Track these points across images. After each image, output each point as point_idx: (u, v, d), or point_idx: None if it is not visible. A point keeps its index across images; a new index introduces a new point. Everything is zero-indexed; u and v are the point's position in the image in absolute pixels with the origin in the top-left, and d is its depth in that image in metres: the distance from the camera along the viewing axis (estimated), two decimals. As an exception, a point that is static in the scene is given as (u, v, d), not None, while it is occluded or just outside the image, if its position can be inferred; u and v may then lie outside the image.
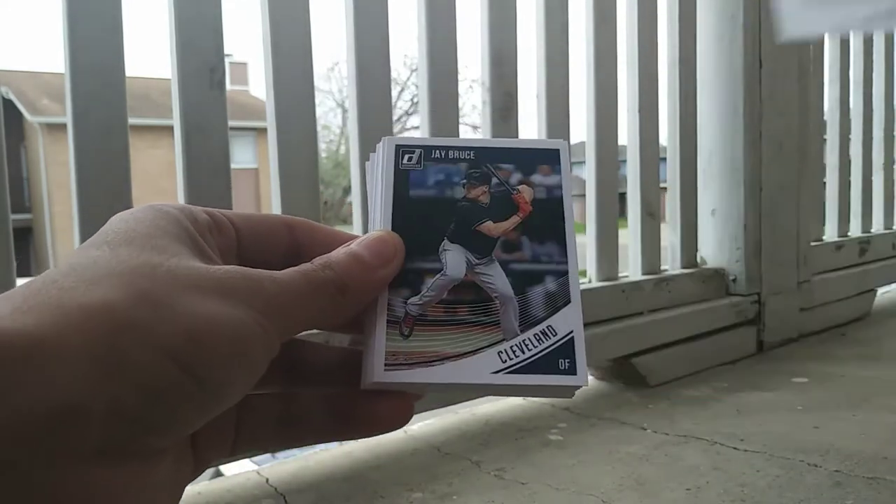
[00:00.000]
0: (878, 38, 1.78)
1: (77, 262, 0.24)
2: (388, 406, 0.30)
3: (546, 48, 1.03)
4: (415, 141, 0.34)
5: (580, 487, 0.72)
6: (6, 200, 0.64)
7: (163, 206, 0.28)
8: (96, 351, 0.21)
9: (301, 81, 0.81)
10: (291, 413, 0.30)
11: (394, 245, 0.30)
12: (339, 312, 0.28)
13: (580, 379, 0.29)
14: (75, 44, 0.67)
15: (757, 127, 1.26)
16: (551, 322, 0.30)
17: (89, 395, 0.20)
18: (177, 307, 0.23)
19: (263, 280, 0.26)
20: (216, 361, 0.23)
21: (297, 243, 0.32)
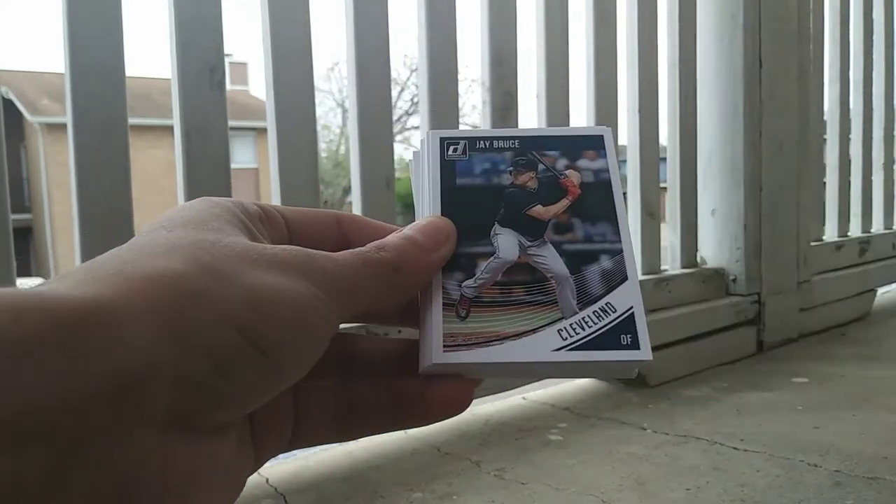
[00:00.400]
0: (878, 38, 1.79)
1: (136, 241, 0.24)
2: (447, 390, 0.29)
3: (546, 48, 1.03)
4: (459, 133, 0.34)
5: (580, 487, 0.72)
6: (6, 200, 0.64)
7: (216, 198, 0.29)
8: (162, 318, 0.21)
9: (301, 81, 0.81)
10: (349, 404, 0.30)
11: (446, 229, 0.31)
12: (394, 293, 0.28)
13: (644, 353, 0.29)
14: (75, 44, 0.67)
15: (757, 127, 1.26)
16: (609, 299, 0.30)
17: (157, 361, 0.20)
18: (239, 278, 0.23)
19: (320, 259, 0.26)
20: (279, 332, 0.23)
21: (345, 237, 0.32)
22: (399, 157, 13.16)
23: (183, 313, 0.21)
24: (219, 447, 0.23)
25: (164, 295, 0.21)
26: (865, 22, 1.74)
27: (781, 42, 1.30)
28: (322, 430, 0.30)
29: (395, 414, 0.30)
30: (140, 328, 0.20)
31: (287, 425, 0.29)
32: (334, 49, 14.34)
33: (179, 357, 0.21)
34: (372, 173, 0.87)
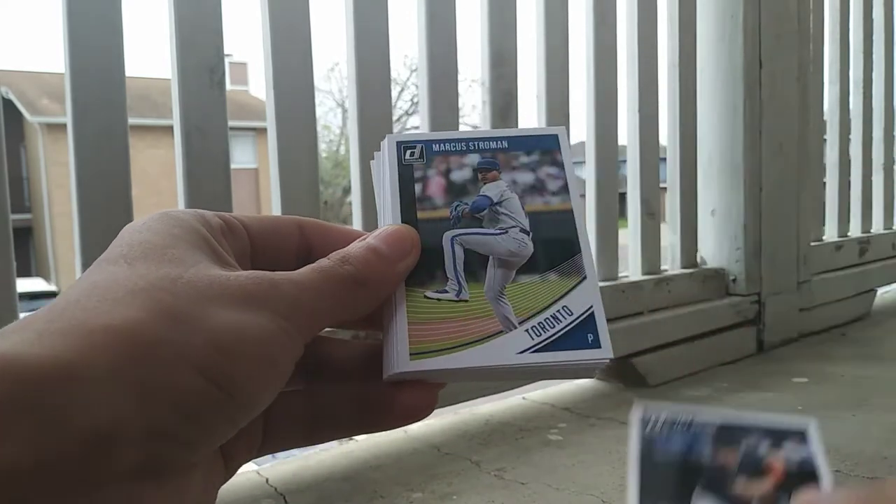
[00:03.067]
0: (878, 38, 1.79)
1: (97, 280, 0.24)
2: (412, 396, 0.30)
3: (546, 48, 1.03)
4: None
5: (580, 487, 0.72)
6: (6, 200, 0.64)
7: (175, 213, 0.28)
8: (125, 372, 0.21)
9: (301, 81, 0.81)
10: (316, 410, 0.31)
11: (410, 237, 0.31)
12: (359, 307, 0.29)
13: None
14: (75, 44, 0.67)
15: (757, 127, 1.26)
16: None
17: (122, 418, 0.20)
18: (200, 320, 0.23)
19: (282, 283, 0.26)
20: (245, 372, 0.23)
21: (308, 243, 0.32)
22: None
23: (146, 365, 0.21)
24: (189, 481, 0.23)
25: (126, 349, 0.21)
26: (865, 22, 1.74)
27: (781, 42, 1.30)
28: (291, 435, 0.30)
29: (362, 418, 0.30)
30: (104, 385, 0.20)
31: (257, 434, 0.29)
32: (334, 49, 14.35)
33: (146, 410, 0.21)
34: (372, 173, 0.86)
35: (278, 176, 0.80)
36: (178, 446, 0.22)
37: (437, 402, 0.30)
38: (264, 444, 0.30)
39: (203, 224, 0.28)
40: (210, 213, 0.29)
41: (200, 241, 0.26)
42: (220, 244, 0.28)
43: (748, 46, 1.24)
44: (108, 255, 0.25)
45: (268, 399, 0.25)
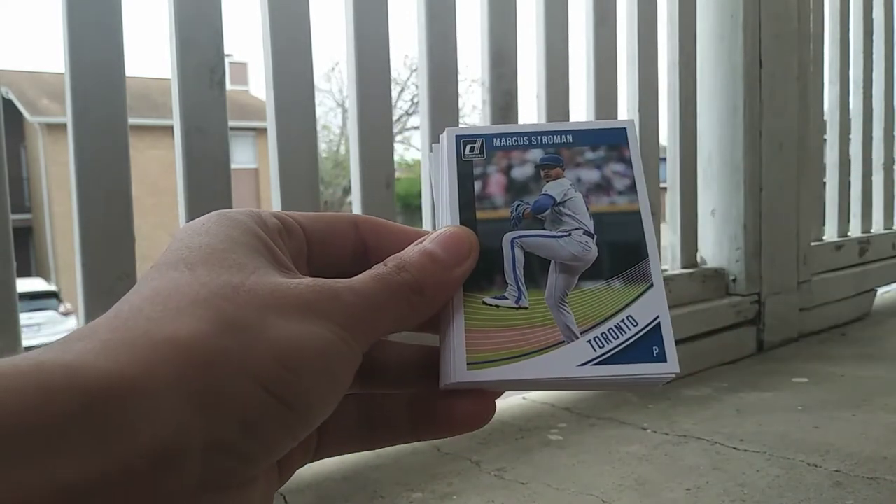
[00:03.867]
0: (878, 38, 1.79)
1: (159, 287, 0.24)
2: (469, 406, 0.29)
3: (546, 48, 1.03)
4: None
5: (580, 487, 0.72)
6: (6, 200, 0.64)
7: (233, 213, 0.27)
8: (191, 386, 0.21)
9: (301, 81, 0.81)
10: (372, 416, 0.30)
11: (468, 241, 0.30)
12: (417, 316, 0.28)
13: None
14: (75, 44, 0.67)
15: (757, 127, 1.26)
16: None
17: (187, 433, 0.20)
18: (263, 332, 0.23)
19: (342, 292, 0.25)
20: (306, 385, 0.23)
21: (363, 241, 0.31)
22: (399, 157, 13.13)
23: (210, 379, 0.21)
24: (250, 494, 0.23)
25: (190, 362, 0.21)
26: (865, 22, 1.73)
27: (781, 42, 1.30)
28: (346, 441, 0.30)
29: (417, 425, 0.30)
30: (169, 400, 0.20)
31: (312, 440, 0.29)
32: (334, 49, 14.34)
33: (209, 424, 0.21)
34: (372, 173, 0.87)
35: (278, 176, 0.80)
36: (241, 460, 0.22)
37: (494, 410, 0.30)
38: (319, 450, 0.30)
39: (261, 225, 0.27)
40: (267, 214, 0.28)
41: (259, 245, 0.26)
42: (278, 246, 0.27)
43: (748, 46, 1.24)
44: (167, 259, 0.25)
45: (328, 411, 0.25)
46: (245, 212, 0.28)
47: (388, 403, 0.30)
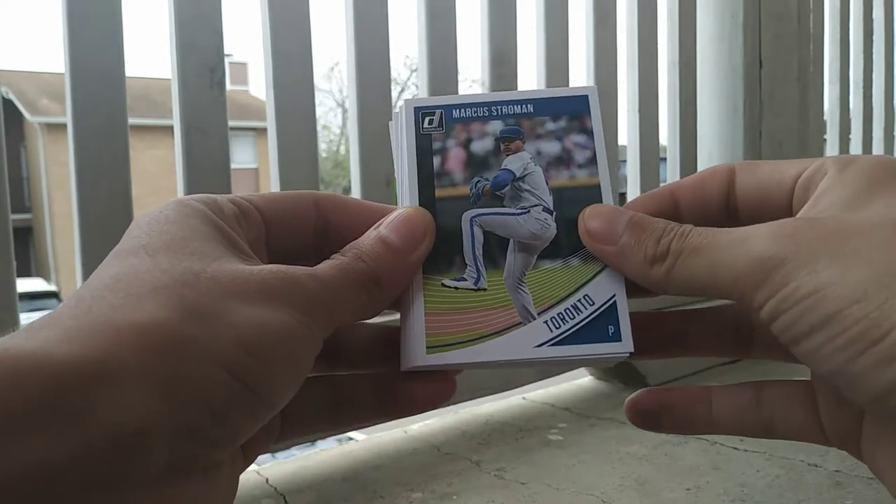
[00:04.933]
0: (878, 39, 1.79)
1: (120, 273, 0.24)
2: (430, 386, 0.30)
3: (546, 48, 1.03)
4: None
5: (580, 487, 0.72)
6: (6, 200, 0.64)
7: (190, 201, 0.27)
8: (154, 371, 0.21)
9: (301, 81, 0.81)
10: (335, 397, 0.30)
11: (423, 224, 0.29)
12: (376, 305, 0.28)
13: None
14: (75, 44, 0.67)
15: (757, 127, 1.26)
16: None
17: (152, 417, 0.21)
18: (225, 318, 0.23)
19: (304, 279, 0.26)
20: (267, 368, 0.23)
21: (325, 220, 0.31)
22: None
23: (174, 364, 0.21)
24: (215, 477, 0.24)
25: (153, 347, 0.21)
26: (865, 22, 1.74)
27: (781, 42, 1.30)
28: (309, 424, 0.31)
29: (381, 406, 0.30)
30: (135, 384, 0.20)
31: (276, 423, 0.29)
32: (334, 49, 14.35)
33: (175, 409, 0.21)
34: (372, 173, 0.87)
35: (278, 176, 0.80)
36: (207, 445, 0.22)
37: (454, 388, 0.30)
38: (284, 433, 0.30)
39: (217, 213, 0.27)
40: (224, 199, 0.28)
41: (217, 233, 0.26)
42: (236, 232, 0.27)
43: (748, 46, 1.24)
44: (127, 245, 0.25)
45: (290, 394, 0.25)
46: (202, 198, 0.28)
47: (352, 384, 0.31)
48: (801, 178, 0.28)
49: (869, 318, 0.22)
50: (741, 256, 0.25)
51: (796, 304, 0.24)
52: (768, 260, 0.24)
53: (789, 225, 0.25)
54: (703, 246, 0.26)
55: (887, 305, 0.22)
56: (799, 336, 0.24)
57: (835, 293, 0.23)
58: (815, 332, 0.24)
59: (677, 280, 0.27)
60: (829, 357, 0.24)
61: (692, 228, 0.27)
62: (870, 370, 0.22)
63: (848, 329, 0.23)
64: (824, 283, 0.23)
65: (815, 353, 0.24)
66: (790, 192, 0.29)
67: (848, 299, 0.23)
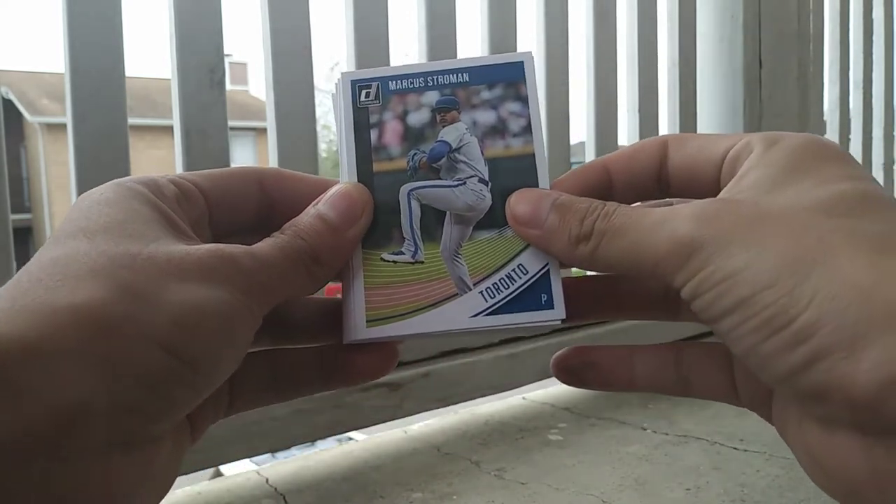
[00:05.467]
0: (878, 39, 1.79)
1: (58, 256, 0.24)
2: (372, 356, 0.31)
3: (546, 48, 1.03)
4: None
5: (580, 487, 0.72)
6: (6, 200, 0.64)
7: (129, 183, 0.28)
8: (91, 349, 0.21)
9: (301, 81, 0.81)
10: (280, 370, 0.31)
11: (360, 200, 0.30)
12: (315, 282, 0.29)
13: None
14: (75, 44, 0.67)
15: (757, 127, 1.26)
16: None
17: (90, 393, 0.21)
18: (161, 296, 0.23)
19: (241, 257, 0.26)
20: (205, 345, 0.24)
21: (268, 196, 0.31)
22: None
23: (110, 343, 0.22)
24: (156, 450, 0.24)
25: (90, 327, 0.22)
26: (865, 22, 1.74)
27: (781, 42, 1.30)
28: (257, 396, 0.31)
29: (325, 377, 0.31)
30: (71, 362, 0.21)
31: (222, 397, 0.30)
32: (334, 49, 14.35)
33: (112, 385, 0.21)
34: (372, 173, 0.86)
35: (278, 176, 0.80)
36: (145, 419, 0.23)
37: (397, 358, 0.31)
38: (231, 406, 0.31)
39: (157, 194, 0.28)
40: (164, 180, 0.29)
41: (157, 214, 0.27)
42: (177, 213, 0.28)
43: (748, 46, 1.24)
44: (67, 228, 0.26)
45: (229, 369, 0.25)
46: (142, 180, 0.28)
47: (298, 356, 0.31)
48: (730, 153, 0.29)
49: (778, 304, 0.23)
50: (662, 239, 0.26)
51: (712, 287, 0.25)
52: (688, 243, 0.25)
53: (710, 207, 0.26)
54: (626, 227, 0.27)
55: (796, 292, 0.23)
56: (715, 317, 0.26)
57: (747, 278, 0.24)
58: (728, 315, 0.25)
59: (601, 260, 0.28)
60: (740, 339, 0.25)
61: (616, 208, 0.28)
62: (777, 353, 0.24)
63: (758, 313, 0.24)
64: (738, 268, 0.24)
65: (729, 335, 0.25)
66: (718, 167, 0.29)
67: (759, 284, 0.24)
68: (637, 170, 0.31)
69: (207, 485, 0.76)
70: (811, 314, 0.22)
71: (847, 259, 0.23)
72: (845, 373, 0.22)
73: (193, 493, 0.72)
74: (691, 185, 0.30)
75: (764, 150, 0.27)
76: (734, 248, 0.24)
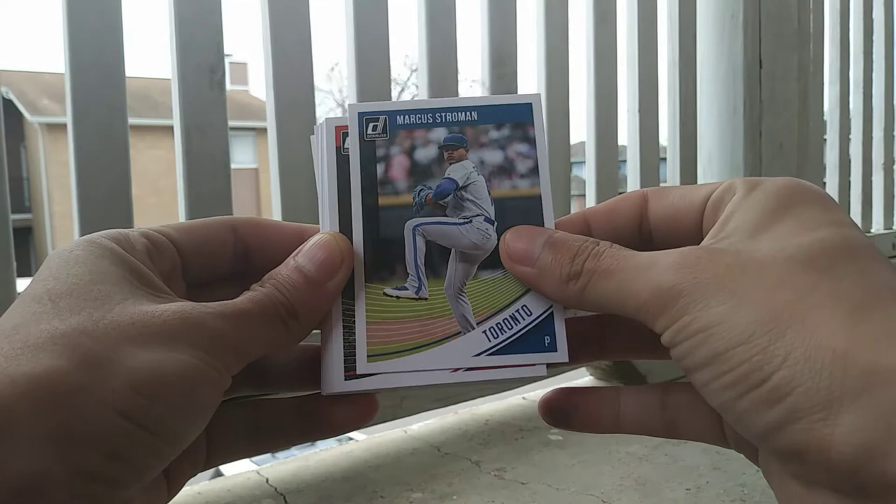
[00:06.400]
0: (878, 38, 1.79)
1: (20, 323, 0.24)
2: (351, 408, 0.30)
3: (546, 48, 1.03)
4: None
5: (580, 487, 0.72)
6: (6, 200, 0.64)
7: (99, 239, 0.27)
8: (49, 420, 0.21)
9: (301, 81, 0.81)
10: (259, 421, 0.31)
11: (339, 251, 0.29)
12: (294, 336, 0.28)
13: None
14: (75, 43, 0.67)
15: (757, 127, 1.26)
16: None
17: (47, 464, 0.21)
18: (121, 363, 0.23)
19: (207, 318, 0.26)
20: (166, 410, 0.23)
21: (244, 244, 0.31)
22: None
23: (67, 412, 0.22)
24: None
25: (46, 397, 0.22)
26: (865, 22, 1.73)
27: (781, 42, 1.30)
28: (235, 448, 0.31)
29: (303, 428, 0.31)
30: (28, 434, 0.21)
31: (199, 450, 0.30)
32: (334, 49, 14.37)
33: (70, 454, 0.21)
34: (372, 173, 0.86)
35: (278, 176, 0.80)
36: (108, 486, 0.23)
37: (377, 408, 0.30)
38: (210, 458, 0.30)
39: (128, 249, 0.27)
40: (135, 234, 0.28)
41: (126, 272, 0.26)
42: (148, 267, 0.28)
43: (748, 46, 1.24)
44: (34, 290, 0.26)
45: (194, 432, 0.25)
46: (112, 235, 0.28)
47: (276, 407, 0.31)
48: (711, 197, 0.29)
49: (752, 362, 0.23)
50: (644, 284, 0.26)
51: (688, 338, 0.25)
52: (668, 290, 0.25)
53: (691, 255, 0.26)
54: (613, 268, 0.27)
55: (770, 350, 0.23)
56: (690, 367, 0.25)
57: (722, 332, 0.24)
58: (704, 367, 0.25)
59: (590, 300, 0.28)
60: (716, 393, 0.25)
61: (606, 248, 0.28)
62: (752, 410, 0.23)
63: (733, 370, 0.24)
64: (714, 321, 0.24)
65: (705, 387, 0.25)
66: (700, 212, 0.29)
67: (734, 340, 0.23)
68: (618, 222, 0.31)
69: (207, 485, 0.76)
70: (786, 373, 0.22)
71: (823, 319, 0.23)
72: (822, 436, 0.22)
73: (193, 493, 0.72)
74: (673, 234, 0.30)
75: (746, 194, 0.27)
76: (712, 299, 0.24)
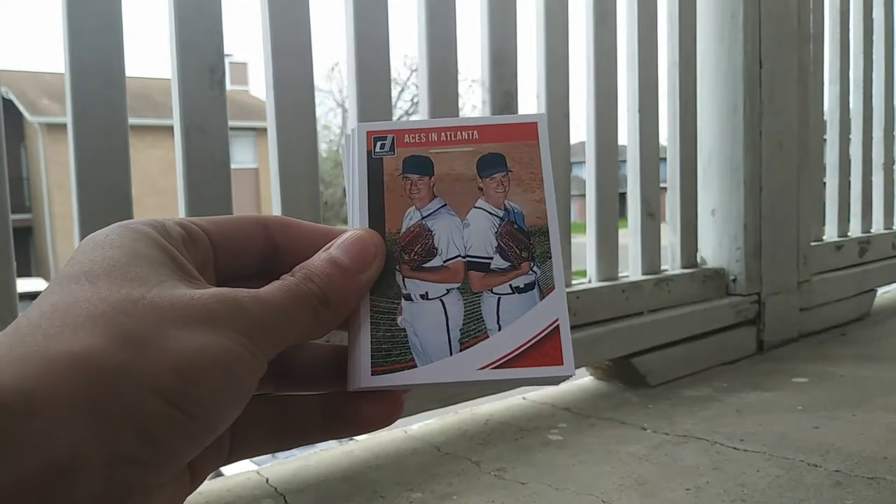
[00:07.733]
0: (878, 38, 1.79)
1: (58, 302, 0.24)
2: (377, 406, 0.30)
3: (546, 48, 1.03)
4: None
5: (580, 487, 0.72)
6: (6, 200, 0.64)
7: (135, 225, 0.27)
8: (87, 401, 0.21)
9: (301, 81, 0.81)
10: (284, 417, 0.31)
11: (374, 245, 0.30)
12: (323, 326, 0.28)
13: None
14: (75, 43, 0.67)
15: (757, 127, 1.26)
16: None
17: (85, 446, 0.21)
18: (161, 344, 0.23)
19: (246, 302, 0.25)
20: (206, 393, 0.23)
21: (273, 242, 0.31)
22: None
23: (107, 393, 0.21)
24: (157, 501, 0.24)
25: (86, 377, 0.21)
26: (865, 22, 1.73)
27: (781, 42, 1.30)
28: (258, 443, 0.31)
29: (328, 425, 0.31)
30: (66, 415, 0.20)
31: (223, 444, 0.30)
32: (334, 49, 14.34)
33: (107, 437, 0.21)
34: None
35: (278, 176, 0.80)
36: (143, 470, 0.22)
37: (402, 408, 0.30)
38: (232, 453, 0.30)
39: (165, 236, 0.27)
40: (171, 222, 0.28)
41: (163, 256, 0.26)
42: (183, 255, 0.27)
43: (748, 46, 1.24)
44: (69, 272, 0.25)
45: (231, 418, 0.25)
46: (148, 222, 0.28)
47: (301, 404, 0.31)
48: None
49: None
50: None
51: None
52: None
53: None
54: None
55: None
56: None
57: None
58: None
59: None
60: None
61: None
62: None
63: None
64: None
65: None
66: None
67: None
68: None
69: (208, 484, 0.76)
70: None
71: None
72: None
73: (194, 493, 0.72)
74: None
75: None
76: None
